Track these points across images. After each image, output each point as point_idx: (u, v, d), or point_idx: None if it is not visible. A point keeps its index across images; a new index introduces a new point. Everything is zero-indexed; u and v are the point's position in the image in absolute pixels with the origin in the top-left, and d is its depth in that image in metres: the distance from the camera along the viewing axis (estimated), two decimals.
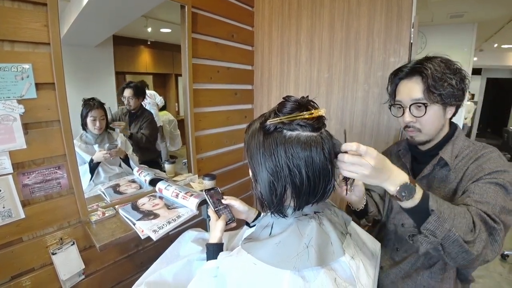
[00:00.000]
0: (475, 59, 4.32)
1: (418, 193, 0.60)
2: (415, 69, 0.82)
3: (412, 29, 1.36)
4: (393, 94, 0.91)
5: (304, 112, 0.54)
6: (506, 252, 2.29)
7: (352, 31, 1.50)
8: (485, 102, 7.70)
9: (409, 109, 0.83)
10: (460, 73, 0.81)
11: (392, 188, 0.59)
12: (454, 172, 0.81)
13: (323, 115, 0.56)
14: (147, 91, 1.85)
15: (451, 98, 0.80)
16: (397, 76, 0.88)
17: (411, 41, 1.36)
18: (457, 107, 0.85)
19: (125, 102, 1.65)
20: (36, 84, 0.89)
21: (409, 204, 0.60)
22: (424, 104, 0.80)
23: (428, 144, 0.88)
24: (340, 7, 1.51)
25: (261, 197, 0.57)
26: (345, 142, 0.58)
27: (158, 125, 1.88)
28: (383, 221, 1.00)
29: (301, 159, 0.52)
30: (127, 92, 1.64)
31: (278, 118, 0.54)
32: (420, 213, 0.61)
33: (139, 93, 1.67)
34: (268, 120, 0.55)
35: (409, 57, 1.38)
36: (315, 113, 0.54)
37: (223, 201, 0.86)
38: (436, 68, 0.79)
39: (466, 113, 5.41)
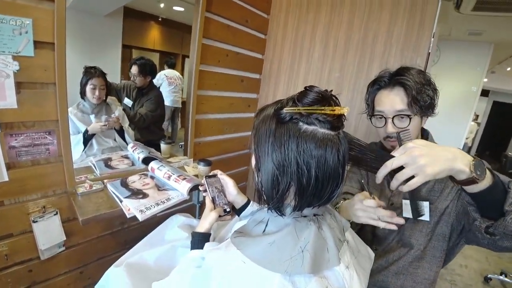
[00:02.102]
0: (485, 80, 4.28)
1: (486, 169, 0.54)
2: (397, 80, 0.83)
3: (432, 39, 1.31)
4: (372, 104, 0.91)
5: (326, 107, 0.49)
6: (489, 275, 2.31)
7: (370, 34, 1.45)
8: (488, 125, 7.71)
9: (392, 120, 0.84)
10: (433, 85, 0.85)
11: (466, 168, 0.51)
12: None
13: (345, 114, 0.51)
14: (170, 72, 1.81)
15: (428, 109, 0.84)
16: (376, 86, 0.89)
17: (429, 51, 1.32)
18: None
19: (132, 79, 1.61)
20: (35, 42, 0.84)
21: (485, 183, 0.54)
22: (408, 115, 0.82)
23: None
24: (361, 7, 1.46)
25: (261, 189, 0.53)
26: (399, 145, 0.55)
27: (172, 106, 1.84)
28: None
29: (313, 157, 0.47)
30: (134, 69, 1.59)
31: (296, 108, 0.49)
32: (496, 191, 0.56)
33: (145, 71, 1.62)
34: (285, 108, 0.50)
35: (425, 68, 1.34)
36: (338, 110, 0.49)
37: (218, 173, 0.83)
38: (416, 80, 0.81)
39: (468, 133, 5.39)
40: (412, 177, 0.53)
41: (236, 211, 0.86)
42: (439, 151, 0.53)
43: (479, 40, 3.25)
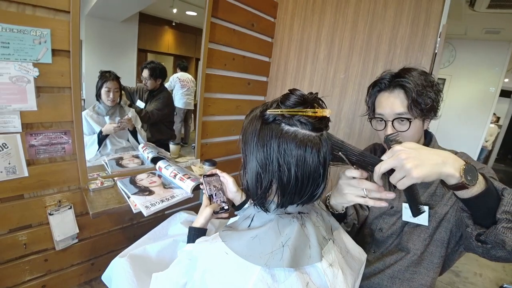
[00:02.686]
0: (506, 80, 4.10)
1: (478, 175, 0.52)
2: (397, 82, 0.81)
3: (439, 39, 1.30)
4: (372, 106, 0.89)
5: (308, 109, 0.51)
6: (505, 285, 2.21)
7: (375, 34, 1.45)
8: (511, 127, 7.33)
9: (392, 123, 0.82)
10: (436, 86, 0.82)
11: (455, 172, 0.50)
12: None
13: (328, 116, 0.53)
14: (183, 75, 1.88)
15: (430, 112, 0.82)
16: (376, 88, 0.87)
17: (436, 51, 1.31)
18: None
19: (143, 82, 1.68)
20: (53, 50, 0.92)
21: (476, 189, 0.52)
22: (407, 119, 0.80)
23: None
24: (366, 7, 1.47)
25: (246, 186, 0.57)
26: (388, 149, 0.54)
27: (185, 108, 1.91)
28: (357, 227, 0.99)
29: (293, 157, 0.50)
30: (145, 73, 1.66)
31: (279, 110, 0.52)
32: (489, 197, 0.54)
33: (155, 74, 1.69)
34: (269, 110, 0.53)
35: (431, 68, 1.32)
36: (319, 112, 0.51)
37: (218, 172, 0.87)
38: (417, 82, 0.79)
39: (488, 135, 5.16)
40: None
41: (235, 207, 0.90)
42: (428, 154, 0.51)
43: (496, 38, 3.14)
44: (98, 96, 1.44)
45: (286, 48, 1.81)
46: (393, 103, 0.81)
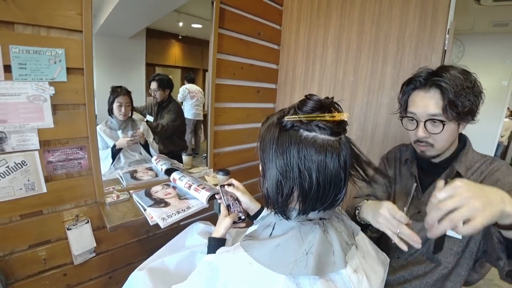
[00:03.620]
0: None
1: None
2: (433, 81, 0.76)
3: (448, 35, 1.28)
4: (405, 104, 0.86)
5: (325, 114, 0.51)
6: None
7: (382, 34, 1.44)
8: None
9: (424, 124, 0.78)
10: (477, 87, 0.76)
11: None
12: None
13: (345, 120, 0.52)
14: (191, 87, 1.91)
15: (468, 115, 0.76)
16: (411, 85, 0.83)
17: (445, 48, 1.29)
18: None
19: (152, 94, 1.72)
20: (67, 69, 0.95)
21: None
22: (441, 121, 0.75)
23: (439, 157, 0.85)
24: (371, 8, 1.46)
25: (267, 194, 0.56)
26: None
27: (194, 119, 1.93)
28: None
29: (314, 163, 0.49)
30: (153, 85, 1.70)
31: (296, 116, 0.52)
32: None
33: (163, 85, 1.72)
34: (286, 116, 0.53)
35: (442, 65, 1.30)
36: (337, 116, 0.51)
37: (234, 182, 0.88)
38: (456, 82, 0.73)
39: (503, 130, 5.00)
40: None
41: (251, 217, 0.89)
42: (488, 193, 0.49)
43: (505, 31, 3.08)
44: (110, 111, 1.47)
45: (294, 54, 1.81)
46: (427, 103, 0.77)
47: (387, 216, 0.67)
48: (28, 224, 0.96)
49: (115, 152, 1.44)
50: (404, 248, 0.63)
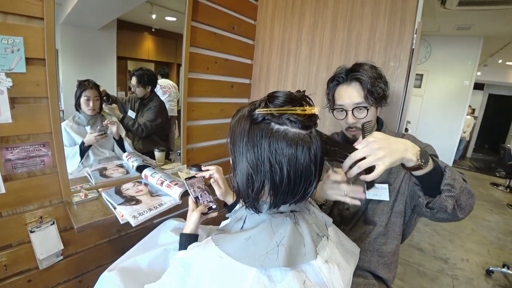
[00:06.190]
0: (478, 73, 4.31)
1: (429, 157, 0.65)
2: (353, 76, 0.94)
3: (415, 35, 1.34)
4: (332, 98, 1.02)
5: (296, 108, 0.51)
6: (491, 268, 2.30)
7: (354, 32, 1.48)
8: (485, 118, 7.69)
9: (352, 112, 0.95)
10: (384, 78, 0.97)
11: (413, 157, 0.62)
12: None
13: (316, 113, 0.53)
14: (164, 82, 1.84)
15: (382, 100, 0.96)
16: (335, 82, 0.99)
17: (413, 47, 1.35)
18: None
19: (132, 90, 1.64)
20: (27, 59, 0.88)
21: (427, 168, 0.65)
22: (365, 107, 0.93)
23: None
24: (344, 7, 1.50)
25: (237, 188, 0.55)
26: (363, 137, 0.65)
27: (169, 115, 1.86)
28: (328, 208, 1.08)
29: (285, 156, 0.49)
30: (133, 80, 1.62)
31: (268, 109, 0.51)
32: (435, 174, 0.67)
33: (144, 81, 1.64)
34: (257, 109, 0.52)
35: (410, 63, 1.37)
36: (308, 110, 0.51)
37: (203, 168, 0.88)
38: (369, 74, 0.92)
39: (465, 127, 5.39)
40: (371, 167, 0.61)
41: (228, 207, 0.89)
42: (394, 143, 0.62)
43: (468, 34, 3.29)
44: (77, 106, 1.39)
45: (268, 50, 1.82)
46: (351, 94, 0.94)
47: (330, 186, 0.78)
48: None
49: (84, 150, 1.37)
50: (358, 203, 0.76)
